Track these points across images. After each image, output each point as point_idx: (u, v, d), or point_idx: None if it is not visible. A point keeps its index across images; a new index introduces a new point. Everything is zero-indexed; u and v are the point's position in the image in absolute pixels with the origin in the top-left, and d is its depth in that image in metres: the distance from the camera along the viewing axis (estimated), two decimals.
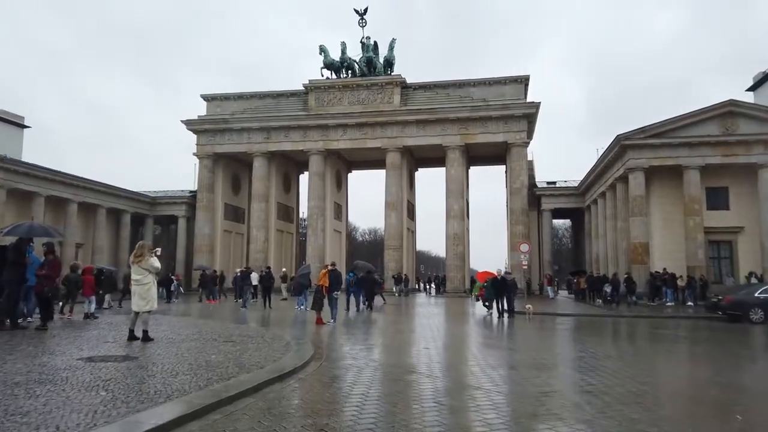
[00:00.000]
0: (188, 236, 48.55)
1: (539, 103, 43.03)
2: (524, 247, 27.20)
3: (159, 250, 11.63)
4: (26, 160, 40.47)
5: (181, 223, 49.20)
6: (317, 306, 16.48)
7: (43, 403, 5.50)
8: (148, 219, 49.22)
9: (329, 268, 17.03)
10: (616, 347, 13.24)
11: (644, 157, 30.70)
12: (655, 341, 14.48)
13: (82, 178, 41.22)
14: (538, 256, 45.14)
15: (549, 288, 38.23)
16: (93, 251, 43.18)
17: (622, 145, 30.92)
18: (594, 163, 38.42)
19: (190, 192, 49.24)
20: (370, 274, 25.37)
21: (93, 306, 17.04)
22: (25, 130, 48.27)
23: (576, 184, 45.94)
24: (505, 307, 19.44)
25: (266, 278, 24.13)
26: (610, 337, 15.80)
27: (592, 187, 40.09)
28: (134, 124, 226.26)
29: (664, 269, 29.97)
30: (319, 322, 16.36)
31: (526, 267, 28.01)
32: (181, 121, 47.50)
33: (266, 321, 17.82)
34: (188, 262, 47.09)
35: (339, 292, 17.38)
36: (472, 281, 46.13)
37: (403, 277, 42.09)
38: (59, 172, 39.44)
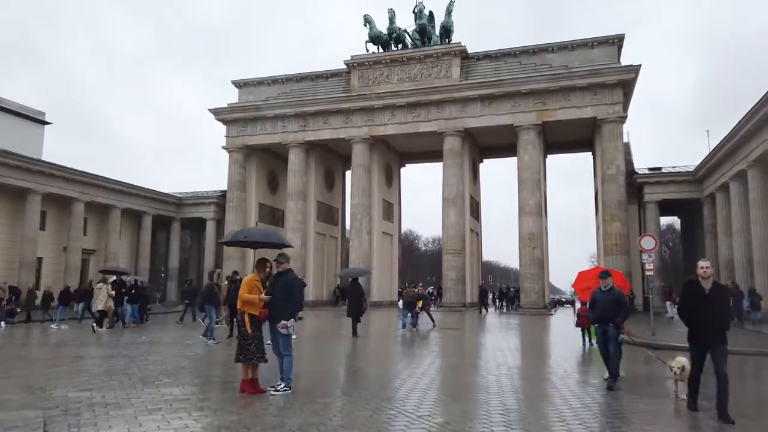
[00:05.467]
0: (217, 241, 40.83)
1: (639, 65, 32.23)
2: (647, 243, 16.81)
3: None
4: (47, 159, 34.03)
5: (210, 226, 41.59)
6: (243, 355, 7.18)
7: None
8: (174, 222, 41.90)
9: (267, 270, 7.46)
10: None
11: None
12: None
13: (89, 173, 34.19)
14: (640, 265, 33.86)
15: (668, 304, 27.08)
16: (106, 258, 36.08)
17: None
18: (723, 137, 27.27)
19: (221, 192, 41.58)
20: (356, 283, 16.22)
21: None
22: (46, 126, 42.70)
23: (683, 171, 34.52)
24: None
25: (213, 291, 14.59)
26: None
27: (720, 168, 28.72)
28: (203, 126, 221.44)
29: None
30: (248, 388, 7.12)
31: (651, 273, 17.53)
32: (209, 110, 40.10)
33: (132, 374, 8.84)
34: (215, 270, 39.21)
35: (296, 322, 7.68)
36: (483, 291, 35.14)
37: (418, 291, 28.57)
38: (60, 166, 32.59)
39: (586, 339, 14.31)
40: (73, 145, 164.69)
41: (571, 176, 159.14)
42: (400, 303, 28.34)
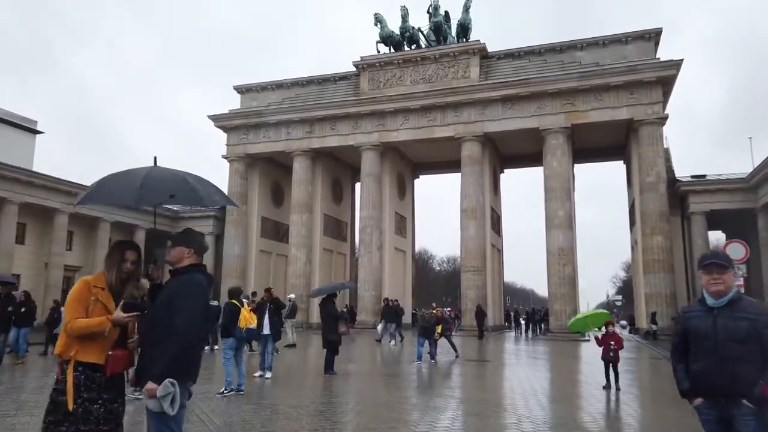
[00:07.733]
0: (216, 257, 37.29)
1: (681, 60, 28.47)
2: (735, 251, 12.80)
3: None
4: (38, 170, 30.88)
5: (209, 242, 38.08)
6: None
7: None
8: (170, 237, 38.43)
9: (150, 271, 3.49)
10: None
11: None
12: None
13: (72, 182, 30.88)
14: (686, 284, 29.65)
15: None
16: None
17: None
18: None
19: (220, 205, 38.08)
20: (329, 301, 12.21)
21: None
22: (38, 136, 39.81)
23: (733, 178, 30.38)
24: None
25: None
26: None
27: None
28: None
29: None
30: None
31: (742, 289, 13.51)
32: (209, 117, 36.90)
33: None
34: (216, 290, 35.58)
35: (173, 389, 3.15)
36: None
37: (392, 303, 24.59)
38: (39, 173, 29.49)
39: (611, 379, 10.50)
40: (77, 155, 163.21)
41: (588, 190, 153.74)
42: (380, 327, 23.57)
